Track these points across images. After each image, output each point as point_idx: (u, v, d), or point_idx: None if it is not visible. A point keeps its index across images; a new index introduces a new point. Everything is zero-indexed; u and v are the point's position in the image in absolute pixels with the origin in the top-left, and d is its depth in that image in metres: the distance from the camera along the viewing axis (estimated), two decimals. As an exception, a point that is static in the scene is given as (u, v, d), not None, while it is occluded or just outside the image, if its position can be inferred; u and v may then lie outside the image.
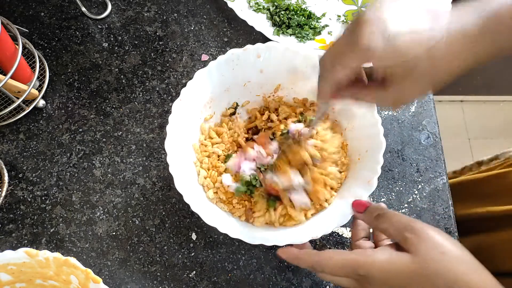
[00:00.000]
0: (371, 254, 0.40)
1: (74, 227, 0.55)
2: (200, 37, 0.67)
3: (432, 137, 0.62)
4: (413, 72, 0.37)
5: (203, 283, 0.53)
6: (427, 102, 0.65)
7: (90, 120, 0.61)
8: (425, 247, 0.38)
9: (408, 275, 0.38)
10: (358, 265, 0.39)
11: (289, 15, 0.68)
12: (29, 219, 0.55)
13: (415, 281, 0.38)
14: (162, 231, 0.55)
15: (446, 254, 0.38)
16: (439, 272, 0.37)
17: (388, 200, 0.58)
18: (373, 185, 0.47)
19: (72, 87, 0.63)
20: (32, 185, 0.57)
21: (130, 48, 0.66)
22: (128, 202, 0.57)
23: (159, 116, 0.62)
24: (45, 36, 0.66)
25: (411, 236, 0.39)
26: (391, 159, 0.61)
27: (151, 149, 0.60)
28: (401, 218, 0.41)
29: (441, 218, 0.58)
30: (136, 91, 0.63)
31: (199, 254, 0.54)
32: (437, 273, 0.37)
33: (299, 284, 0.53)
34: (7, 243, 0.54)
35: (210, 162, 0.53)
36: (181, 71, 0.65)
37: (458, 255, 0.38)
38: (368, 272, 0.39)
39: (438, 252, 0.38)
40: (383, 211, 0.42)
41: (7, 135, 0.60)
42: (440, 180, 0.60)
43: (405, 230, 0.39)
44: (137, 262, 0.54)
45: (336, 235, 0.56)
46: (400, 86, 0.38)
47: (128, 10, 0.69)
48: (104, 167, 0.58)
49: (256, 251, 0.55)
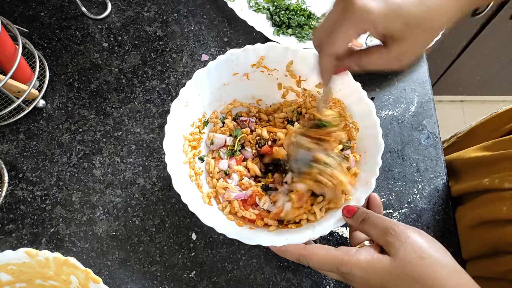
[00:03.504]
0: (354, 254, 0.41)
1: (74, 227, 0.55)
2: (200, 37, 0.67)
3: (432, 137, 0.62)
4: (413, 27, 0.36)
5: (203, 283, 0.53)
6: (427, 102, 0.65)
7: (90, 120, 0.61)
8: (404, 251, 0.39)
9: (387, 277, 0.39)
10: (340, 264, 0.41)
11: (289, 15, 0.68)
12: (29, 219, 0.55)
13: (392, 284, 0.39)
14: (162, 231, 0.55)
15: (425, 259, 0.39)
16: (415, 276, 0.38)
17: (388, 200, 0.58)
18: (372, 186, 0.47)
19: (72, 87, 0.63)
20: (32, 185, 0.57)
21: (130, 48, 0.66)
22: (128, 202, 0.57)
23: (159, 116, 0.62)
24: (45, 36, 0.66)
25: (392, 239, 0.40)
26: (391, 159, 0.61)
27: (151, 149, 0.60)
28: (383, 222, 0.42)
29: (441, 218, 0.58)
30: (136, 91, 0.63)
31: (199, 254, 0.54)
32: (414, 276, 0.38)
33: (299, 284, 0.53)
34: (7, 243, 0.54)
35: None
36: (181, 71, 0.65)
37: (437, 259, 0.39)
38: (350, 271, 0.40)
39: (417, 256, 0.39)
40: (367, 215, 0.43)
41: (7, 135, 0.60)
42: (440, 180, 0.60)
43: (386, 233, 0.41)
44: (137, 262, 0.54)
45: (336, 235, 0.56)
46: (403, 42, 0.38)
47: (128, 10, 0.69)
48: (104, 167, 0.58)
49: (256, 251, 0.55)
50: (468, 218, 0.56)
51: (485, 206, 0.54)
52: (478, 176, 0.56)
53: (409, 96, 0.65)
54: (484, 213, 0.53)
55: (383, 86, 0.65)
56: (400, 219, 0.57)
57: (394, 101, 0.65)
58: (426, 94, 0.65)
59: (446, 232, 0.57)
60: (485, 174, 0.55)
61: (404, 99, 0.65)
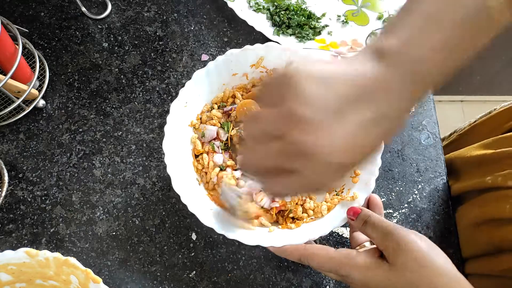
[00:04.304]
0: (353, 257, 0.41)
1: (74, 227, 0.55)
2: (200, 37, 0.67)
3: (432, 137, 0.62)
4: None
5: (203, 283, 0.53)
6: (427, 102, 0.65)
7: (90, 120, 0.61)
8: (404, 259, 0.38)
9: (385, 281, 0.39)
10: (339, 266, 0.41)
11: (289, 15, 0.68)
12: (29, 219, 0.55)
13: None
14: (162, 231, 0.55)
15: (424, 267, 0.38)
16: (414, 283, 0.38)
17: (388, 200, 0.58)
18: (371, 187, 0.47)
19: (72, 87, 0.63)
20: (32, 185, 0.57)
21: (130, 48, 0.66)
22: (128, 202, 0.57)
23: (159, 116, 0.62)
24: (45, 36, 0.66)
25: (391, 244, 0.39)
26: (391, 159, 0.61)
27: (151, 149, 0.60)
28: (384, 225, 0.41)
29: (441, 218, 0.58)
30: (136, 91, 0.63)
31: (199, 254, 0.54)
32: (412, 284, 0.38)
33: (299, 284, 0.53)
34: (7, 243, 0.54)
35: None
36: (181, 71, 0.65)
37: (437, 267, 0.38)
38: (348, 274, 0.40)
39: (417, 264, 0.38)
40: (369, 218, 0.43)
41: (7, 135, 0.60)
42: (440, 180, 0.60)
43: (387, 238, 0.40)
44: (137, 262, 0.54)
45: (336, 235, 0.56)
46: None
47: (128, 10, 0.69)
48: (104, 167, 0.58)
49: (256, 251, 0.55)
50: (470, 216, 0.56)
51: (488, 204, 0.54)
52: (480, 175, 0.56)
53: (409, 96, 0.65)
54: (487, 211, 0.53)
55: (383, 86, 0.65)
56: (400, 219, 0.57)
57: (394, 101, 0.64)
58: (426, 94, 0.65)
59: (446, 232, 0.57)
60: (488, 173, 0.55)
61: (404, 99, 0.65)
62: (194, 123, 0.54)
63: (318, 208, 0.50)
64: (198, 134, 0.54)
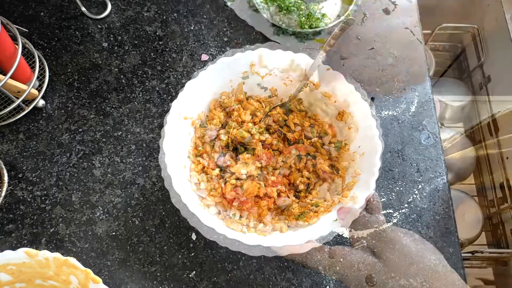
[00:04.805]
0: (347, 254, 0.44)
1: (74, 227, 0.55)
2: (200, 37, 0.67)
3: (432, 137, 0.62)
4: None
5: (203, 283, 0.53)
6: (427, 102, 0.65)
7: (90, 120, 0.61)
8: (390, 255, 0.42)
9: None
10: None
11: (289, 15, 0.68)
12: (29, 219, 0.55)
13: None
14: (162, 231, 0.55)
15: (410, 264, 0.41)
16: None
17: (388, 200, 0.58)
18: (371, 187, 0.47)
19: (72, 87, 0.63)
20: (32, 185, 0.57)
21: (130, 48, 0.66)
22: (128, 202, 0.57)
23: (159, 116, 0.62)
24: (45, 36, 0.66)
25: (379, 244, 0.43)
26: (391, 159, 0.61)
27: (151, 149, 0.60)
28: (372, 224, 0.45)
29: (441, 218, 0.58)
30: (136, 91, 0.63)
31: (199, 254, 0.54)
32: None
33: (299, 284, 0.53)
34: (7, 243, 0.54)
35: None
36: (181, 71, 0.65)
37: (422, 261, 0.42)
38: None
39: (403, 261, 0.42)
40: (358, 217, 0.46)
41: (7, 135, 0.59)
42: (440, 180, 0.60)
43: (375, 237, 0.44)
44: (137, 262, 0.54)
45: (336, 235, 0.56)
46: None
47: (128, 10, 0.69)
48: (104, 167, 0.58)
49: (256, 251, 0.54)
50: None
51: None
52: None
53: (409, 96, 0.65)
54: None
55: (383, 86, 0.65)
56: (400, 219, 0.57)
57: (394, 101, 0.64)
58: (426, 94, 0.65)
59: (446, 232, 0.57)
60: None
61: (404, 99, 0.65)
62: (195, 123, 0.54)
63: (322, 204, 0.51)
64: (199, 134, 0.54)
